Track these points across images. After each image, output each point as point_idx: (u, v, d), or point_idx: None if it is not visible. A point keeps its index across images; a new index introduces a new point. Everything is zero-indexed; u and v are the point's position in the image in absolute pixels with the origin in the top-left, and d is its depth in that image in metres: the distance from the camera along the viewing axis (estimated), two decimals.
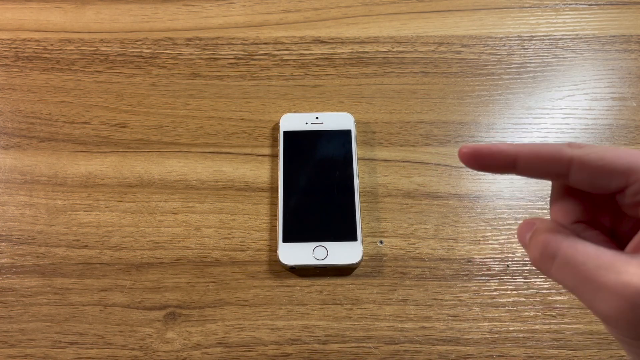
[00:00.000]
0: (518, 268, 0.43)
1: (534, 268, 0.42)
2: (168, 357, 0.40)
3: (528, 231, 0.26)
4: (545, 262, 0.24)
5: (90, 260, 0.43)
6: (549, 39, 0.52)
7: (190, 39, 0.52)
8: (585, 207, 0.26)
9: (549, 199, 0.27)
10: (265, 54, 0.52)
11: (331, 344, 0.40)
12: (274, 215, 0.44)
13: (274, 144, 0.47)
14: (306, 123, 0.47)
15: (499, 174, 0.31)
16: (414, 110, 0.49)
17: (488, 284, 0.42)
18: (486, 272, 0.42)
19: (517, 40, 0.52)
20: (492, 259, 0.43)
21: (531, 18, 0.53)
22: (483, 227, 0.44)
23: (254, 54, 0.52)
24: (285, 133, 0.46)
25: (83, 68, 0.51)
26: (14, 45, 0.52)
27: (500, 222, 0.44)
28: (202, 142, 0.48)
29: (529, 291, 0.42)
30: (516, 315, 0.41)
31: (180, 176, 0.46)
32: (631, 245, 0.23)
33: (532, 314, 0.41)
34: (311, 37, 0.52)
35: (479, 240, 0.44)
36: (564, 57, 0.51)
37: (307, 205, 0.44)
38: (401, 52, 0.52)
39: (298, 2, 0.54)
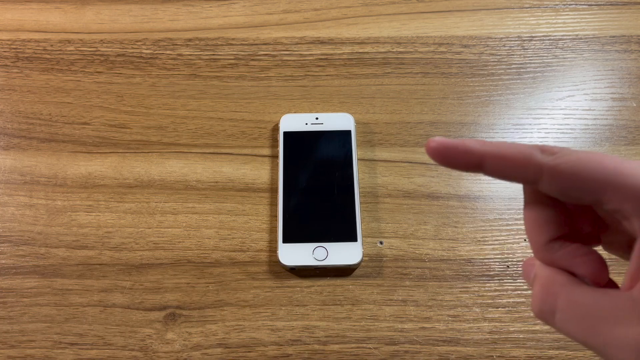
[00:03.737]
0: (518, 269, 0.43)
1: None
2: (168, 357, 0.40)
3: (530, 272, 0.24)
4: (547, 318, 0.22)
5: (90, 261, 0.43)
6: (549, 40, 0.52)
7: (190, 40, 0.52)
8: (561, 216, 0.23)
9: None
10: (265, 55, 0.52)
11: (331, 345, 0.40)
12: (274, 216, 0.44)
13: (274, 145, 0.47)
14: (306, 124, 0.47)
15: (466, 172, 0.30)
16: (414, 110, 0.49)
17: (488, 285, 0.42)
18: (486, 273, 0.42)
19: (517, 40, 0.52)
20: (492, 260, 0.43)
21: (531, 18, 0.53)
22: (483, 228, 0.44)
23: (254, 55, 0.52)
24: (285, 134, 0.46)
25: (83, 69, 0.51)
26: (14, 46, 0.52)
27: (500, 223, 0.44)
28: (202, 143, 0.48)
29: (529, 292, 0.42)
30: (516, 315, 0.41)
31: (180, 177, 0.46)
32: (627, 278, 0.21)
33: (532, 315, 0.41)
34: (311, 37, 0.52)
35: (479, 240, 0.44)
36: (564, 58, 0.51)
37: (307, 205, 0.44)
38: (401, 52, 0.52)
39: (298, 2, 0.54)
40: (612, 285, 0.23)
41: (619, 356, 0.20)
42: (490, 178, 0.23)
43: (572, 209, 0.24)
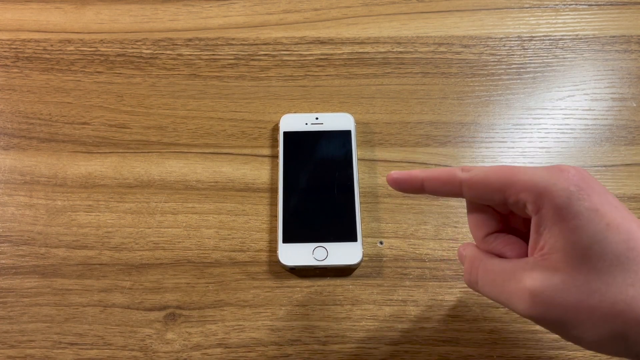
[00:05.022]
0: None
1: None
2: (168, 357, 0.40)
3: (463, 255, 0.32)
4: (473, 285, 0.30)
5: (90, 261, 0.43)
6: (549, 40, 0.52)
7: (190, 40, 0.52)
8: (494, 217, 0.31)
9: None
10: (265, 55, 0.52)
11: (331, 345, 0.40)
12: (274, 216, 0.44)
13: (274, 145, 0.47)
14: (306, 123, 0.47)
15: (415, 194, 0.39)
16: (414, 110, 0.49)
17: None
18: None
19: (517, 40, 0.52)
20: None
21: (531, 18, 0.53)
22: None
23: (254, 55, 0.52)
24: (285, 134, 0.46)
25: (83, 68, 0.51)
26: (14, 46, 0.52)
27: None
28: (202, 143, 0.48)
29: None
30: (516, 315, 0.41)
31: (180, 177, 0.46)
32: (529, 249, 0.28)
33: None
34: (311, 37, 0.52)
35: None
36: (564, 58, 0.51)
37: (307, 205, 0.44)
38: (401, 52, 0.52)
39: (298, 2, 0.54)
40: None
41: (519, 305, 0.26)
42: None
43: (504, 213, 0.31)
